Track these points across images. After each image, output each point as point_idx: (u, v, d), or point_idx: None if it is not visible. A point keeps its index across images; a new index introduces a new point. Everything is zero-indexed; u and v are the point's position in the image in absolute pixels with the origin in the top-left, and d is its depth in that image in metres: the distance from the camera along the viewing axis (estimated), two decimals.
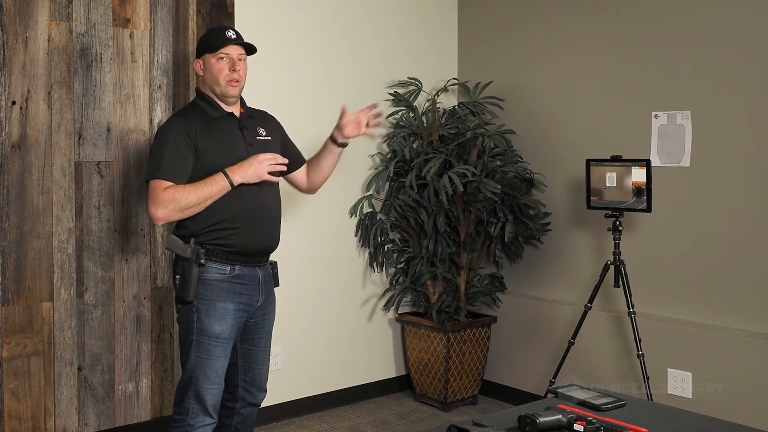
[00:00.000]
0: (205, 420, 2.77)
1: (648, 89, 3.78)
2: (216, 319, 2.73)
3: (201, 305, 2.74)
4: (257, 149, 2.84)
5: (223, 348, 2.76)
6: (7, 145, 3.16)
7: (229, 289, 2.76)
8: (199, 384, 2.74)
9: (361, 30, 4.30)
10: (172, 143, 2.72)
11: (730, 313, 3.50)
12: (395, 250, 4.35)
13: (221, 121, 2.82)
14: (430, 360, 4.23)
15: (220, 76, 2.79)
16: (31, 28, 3.20)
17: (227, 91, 2.81)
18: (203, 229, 2.74)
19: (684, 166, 3.65)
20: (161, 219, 2.69)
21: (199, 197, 2.67)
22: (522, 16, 4.38)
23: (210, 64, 2.82)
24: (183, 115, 2.85)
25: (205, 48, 2.85)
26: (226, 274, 2.75)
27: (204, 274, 2.73)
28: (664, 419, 2.04)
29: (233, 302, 2.76)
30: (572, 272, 4.12)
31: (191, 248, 2.72)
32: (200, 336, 2.74)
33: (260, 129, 2.92)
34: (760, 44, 3.40)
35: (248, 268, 2.80)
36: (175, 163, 2.70)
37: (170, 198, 2.66)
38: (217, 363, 2.75)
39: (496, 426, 1.84)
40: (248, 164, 2.73)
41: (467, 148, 4.20)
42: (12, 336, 3.19)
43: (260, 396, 2.99)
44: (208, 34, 2.90)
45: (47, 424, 3.30)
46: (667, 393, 3.60)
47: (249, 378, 2.94)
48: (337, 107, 4.20)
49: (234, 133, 2.83)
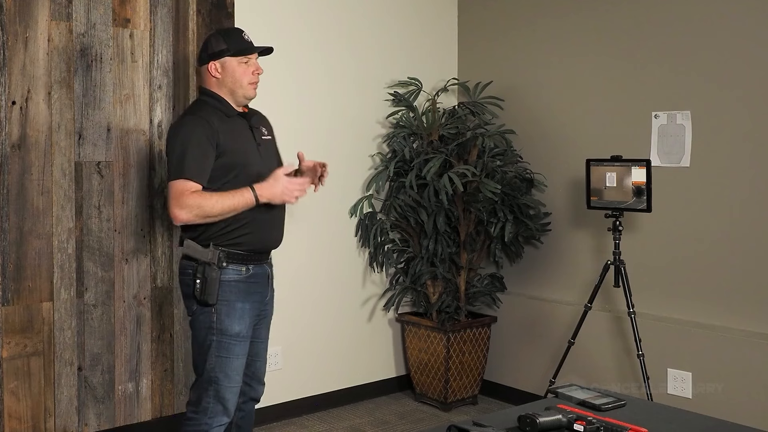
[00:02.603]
0: (222, 420, 2.79)
1: (648, 89, 3.78)
2: (236, 319, 2.78)
3: (221, 307, 2.76)
4: (264, 148, 2.90)
5: (242, 347, 2.81)
6: (7, 145, 3.16)
7: (246, 290, 2.81)
8: (221, 383, 2.76)
9: (361, 30, 4.30)
10: (196, 143, 2.71)
11: (730, 313, 3.50)
12: (395, 250, 4.35)
13: (235, 120, 2.85)
14: (430, 360, 4.23)
15: (245, 79, 2.84)
16: (31, 28, 3.20)
17: (249, 93, 2.87)
18: (219, 232, 2.75)
19: (684, 166, 3.65)
20: (183, 221, 2.70)
21: (223, 208, 2.68)
22: (522, 17, 4.38)
23: (232, 68, 2.83)
24: (202, 114, 2.80)
25: (226, 51, 2.83)
26: (242, 274, 2.79)
27: (222, 276, 2.75)
28: (664, 419, 2.04)
29: (249, 301, 2.82)
30: (572, 272, 4.12)
31: (212, 252, 2.73)
32: (221, 336, 2.76)
33: (263, 128, 2.96)
34: (760, 44, 3.40)
35: (259, 266, 2.86)
36: (200, 164, 2.70)
37: (196, 204, 2.66)
38: (237, 362, 2.80)
39: (496, 426, 1.84)
40: (279, 186, 2.74)
41: (467, 148, 4.20)
42: (12, 336, 3.19)
43: (260, 389, 3.03)
44: (229, 37, 2.87)
45: (47, 424, 3.30)
46: (667, 393, 3.60)
47: (250, 371, 2.96)
48: (337, 107, 4.25)
49: (246, 132, 2.86)
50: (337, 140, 4.20)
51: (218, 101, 2.85)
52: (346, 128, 4.22)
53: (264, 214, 2.80)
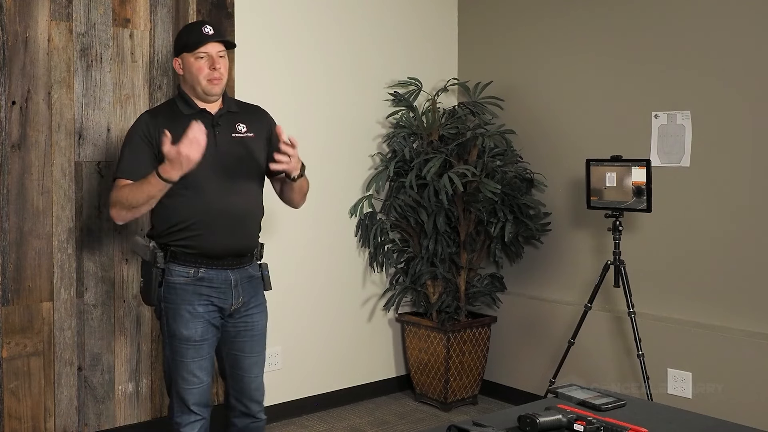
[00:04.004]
0: (189, 417, 2.74)
1: (648, 89, 3.78)
2: (182, 323, 2.68)
3: (168, 309, 2.70)
4: (229, 147, 2.74)
5: (196, 350, 2.70)
6: (7, 145, 3.16)
7: (194, 291, 2.68)
8: (179, 385, 2.73)
9: (361, 30, 4.30)
10: (132, 142, 2.72)
11: (730, 313, 3.50)
12: (395, 250, 4.35)
13: (192, 117, 2.67)
14: (430, 360, 4.23)
15: (200, 75, 2.70)
16: (31, 28, 3.20)
17: (209, 89, 2.72)
18: (165, 231, 2.70)
19: (684, 166, 3.65)
20: (114, 218, 2.69)
21: (138, 197, 2.59)
22: (522, 16, 4.38)
23: (189, 63, 2.72)
24: (151, 111, 2.82)
25: (183, 47, 2.74)
26: (189, 276, 2.68)
27: (168, 277, 2.68)
28: (664, 419, 2.03)
29: (201, 304, 2.69)
30: (572, 272, 4.12)
31: (150, 250, 2.69)
32: (171, 339, 2.72)
33: (240, 125, 2.79)
34: (760, 44, 3.40)
35: (215, 270, 2.70)
36: (133, 162, 2.67)
37: (116, 198, 2.65)
38: (191, 365, 2.70)
39: (496, 426, 1.84)
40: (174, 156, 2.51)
41: (467, 148, 4.20)
42: (12, 336, 3.19)
43: (253, 407, 2.86)
44: (184, 31, 2.80)
45: (47, 424, 3.30)
46: (667, 393, 3.60)
47: (238, 387, 2.84)
48: (337, 107, 4.25)
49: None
50: (337, 140, 4.20)
51: (182, 98, 2.78)
52: (346, 128, 4.22)
53: (219, 218, 2.67)
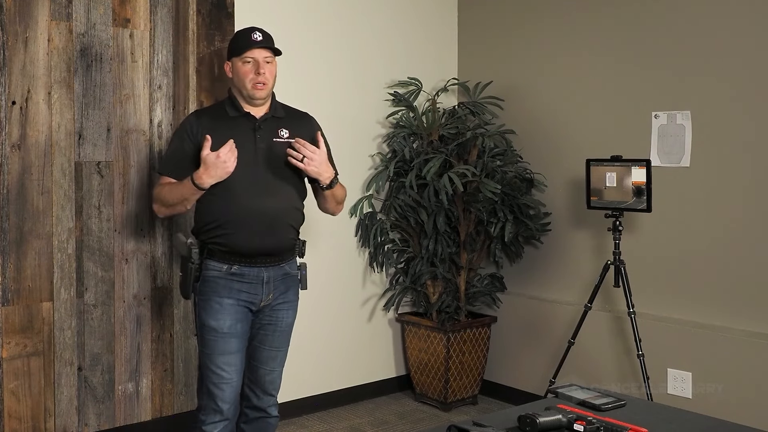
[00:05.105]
0: (214, 417, 2.80)
1: (648, 89, 3.78)
2: (211, 314, 2.79)
3: (200, 301, 2.84)
4: (268, 151, 2.84)
5: (225, 342, 2.78)
6: (7, 145, 3.16)
7: (226, 285, 2.80)
8: (208, 378, 2.80)
9: (362, 30, 4.30)
10: (177, 140, 2.91)
11: (730, 313, 3.50)
12: (395, 250, 4.35)
13: (237, 120, 2.86)
14: (430, 360, 4.23)
15: (246, 79, 2.82)
16: (31, 28, 3.20)
17: (253, 93, 2.83)
18: (202, 228, 2.85)
19: (684, 166, 3.65)
20: (155, 212, 2.94)
21: (173, 197, 2.80)
22: (522, 17, 4.38)
23: (237, 68, 2.85)
24: (198, 112, 3.01)
25: (232, 51, 2.88)
26: (222, 271, 2.80)
27: (204, 271, 2.82)
28: (664, 419, 2.03)
29: (231, 297, 2.80)
30: (572, 272, 4.12)
31: (187, 246, 2.83)
32: (201, 331, 2.83)
33: (282, 131, 2.88)
34: (760, 44, 3.40)
35: (249, 267, 2.81)
36: (175, 160, 2.87)
37: (156, 194, 2.89)
38: (219, 358, 2.78)
39: (496, 426, 1.84)
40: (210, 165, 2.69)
41: (467, 148, 4.20)
42: (12, 336, 3.19)
43: (265, 399, 2.94)
44: (235, 36, 2.92)
45: (47, 424, 3.30)
46: (667, 393, 3.60)
47: (253, 377, 2.94)
48: (337, 107, 4.24)
49: (246, 133, 2.83)
50: (337, 140, 4.16)
51: (229, 101, 2.92)
52: (346, 128, 4.22)
53: (249, 218, 2.76)
